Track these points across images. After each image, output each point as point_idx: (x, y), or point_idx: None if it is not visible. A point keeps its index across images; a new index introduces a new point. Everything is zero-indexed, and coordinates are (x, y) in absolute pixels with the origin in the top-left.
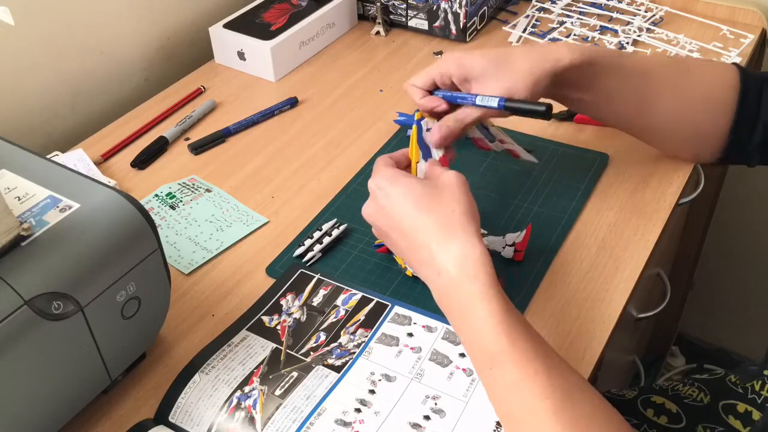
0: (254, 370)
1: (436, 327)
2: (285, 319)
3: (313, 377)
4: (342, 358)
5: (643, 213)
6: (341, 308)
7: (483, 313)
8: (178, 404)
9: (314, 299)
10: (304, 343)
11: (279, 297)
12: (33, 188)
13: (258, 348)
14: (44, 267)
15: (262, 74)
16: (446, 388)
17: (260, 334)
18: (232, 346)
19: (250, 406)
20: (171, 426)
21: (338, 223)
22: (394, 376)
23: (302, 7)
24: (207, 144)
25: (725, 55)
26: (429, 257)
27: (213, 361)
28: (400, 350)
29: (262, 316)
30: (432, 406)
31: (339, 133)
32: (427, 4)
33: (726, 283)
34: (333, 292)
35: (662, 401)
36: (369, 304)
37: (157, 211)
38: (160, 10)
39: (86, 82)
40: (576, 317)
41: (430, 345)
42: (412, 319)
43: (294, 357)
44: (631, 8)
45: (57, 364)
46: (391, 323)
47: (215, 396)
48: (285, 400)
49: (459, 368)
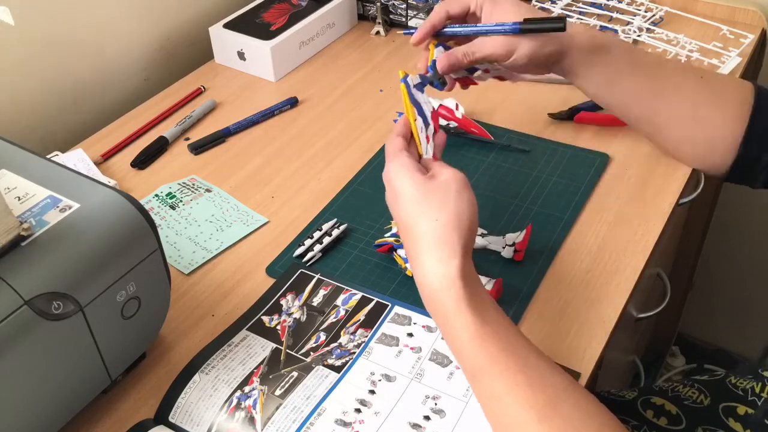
0: (254, 370)
1: (436, 327)
2: (285, 319)
3: (313, 377)
4: (342, 358)
5: (643, 213)
6: (341, 308)
7: (458, 325)
8: (178, 404)
9: (314, 299)
10: (304, 343)
11: (279, 297)
12: (33, 188)
13: (258, 348)
14: (44, 267)
15: (262, 74)
16: (446, 388)
17: (260, 334)
18: (232, 346)
19: (250, 406)
20: (171, 426)
21: (338, 223)
22: (394, 376)
23: (302, 7)
24: (207, 144)
25: (725, 55)
26: (414, 263)
27: (213, 361)
28: (400, 350)
29: (262, 316)
30: (432, 406)
31: (339, 133)
32: (427, 4)
33: (726, 283)
34: (333, 292)
35: (662, 402)
36: (369, 304)
37: (157, 211)
38: (160, 10)
39: (86, 82)
40: (576, 317)
41: (430, 345)
42: (412, 319)
43: (294, 357)
44: (631, 8)
45: (57, 364)
46: (391, 323)
47: (215, 396)
48: (285, 400)
49: (459, 368)
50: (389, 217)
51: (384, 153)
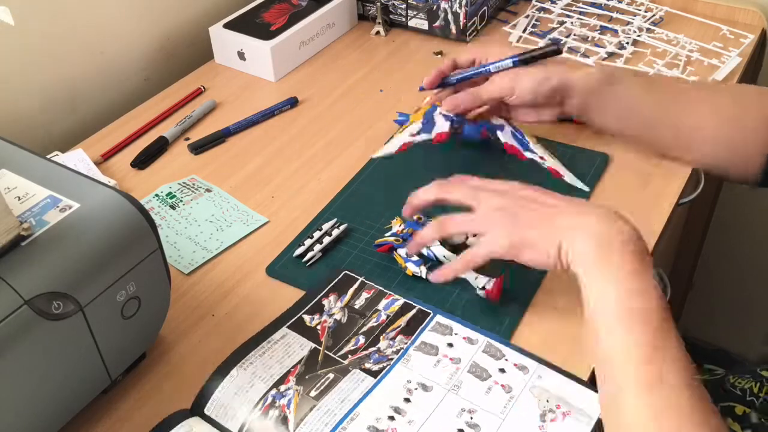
0: (291, 369)
1: (477, 339)
2: (326, 319)
3: (349, 380)
4: (379, 363)
5: (643, 213)
6: (383, 313)
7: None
8: (214, 397)
9: (356, 302)
10: (343, 345)
11: (322, 297)
12: (33, 188)
13: (297, 347)
14: (44, 267)
15: (262, 74)
16: (483, 402)
17: (300, 332)
18: (272, 343)
19: (284, 406)
20: (206, 418)
21: (338, 223)
22: (431, 385)
23: (302, 7)
24: (207, 144)
25: (725, 55)
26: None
27: (252, 356)
28: (438, 360)
29: (303, 314)
30: (467, 420)
31: (339, 133)
32: (427, 4)
33: (726, 283)
34: (375, 296)
35: None
36: (411, 311)
37: (157, 211)
38: (160, 10)
39: (86, 82)
40: (576, 318)
41: (470, 357)
42: (453, 330)
43: (332, 358)
44: (631, 8)
45: (57, 364)
46: (432, 332)
47: (251, 392)
48: (319, 402)
49: (498, 383)
50: (389, 217)
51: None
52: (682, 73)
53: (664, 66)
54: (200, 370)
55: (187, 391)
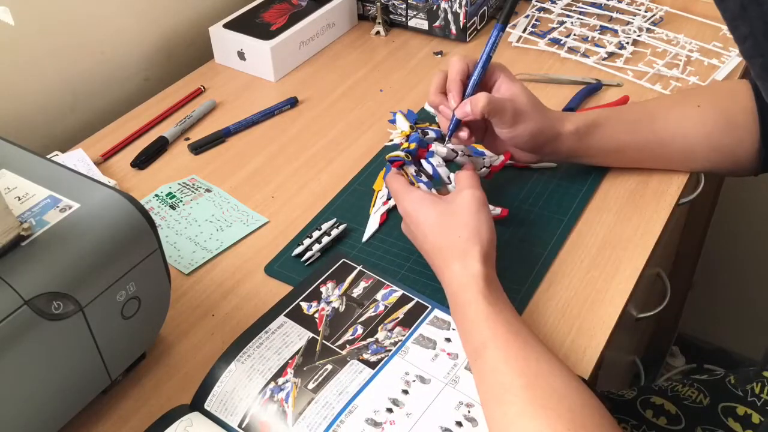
0: (289, 361)
1: None
2: (323, 307)
3: (347, 372)
4: (377, 354)
5: (643, 213)
6: (381, 303)
7: (472, 311)
8: (214, 392)
9: (354, 290)
10: (341, 334)
11: (319, 284)
12: (33, 188)
13: (294, 336)
14: (44, 267)
15: (262, 74)
16: None
17: (298, 321)
18: (269, 333)
19: (282, 400)
20: (206, 414)
21: (338, 223)
22: (428, 378)
23: (302, 7)
24: (207, 144)
25: (725, 55)
26: (442, 275)
27: (249, 349)
28: (436, 354)
29: (301, 302)
30: (465, 414)
31: (339, 133)
32: (427, 4)
33: (726, 283)
34: (374, 286)
35: (661, 402)
36: (409, 303)
37: (157, 211)
38: (159, 10)
39: (86, 82)
40: (576, 317)
41: None
42: (452, 325)
43: (330, 348)
44: (631, 8)
45: (57, 364)
46: (430, 326)
47: (249, 387)
48: (317, 395)
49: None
50: None
51: (382, 155)
52: (682, 73)
53: (664, 66)
54: (200, 370)
55: (187, 391)
